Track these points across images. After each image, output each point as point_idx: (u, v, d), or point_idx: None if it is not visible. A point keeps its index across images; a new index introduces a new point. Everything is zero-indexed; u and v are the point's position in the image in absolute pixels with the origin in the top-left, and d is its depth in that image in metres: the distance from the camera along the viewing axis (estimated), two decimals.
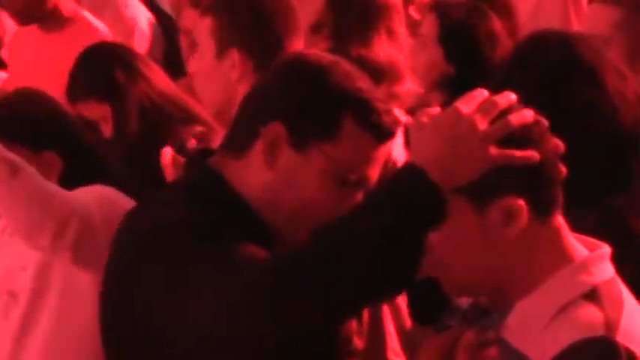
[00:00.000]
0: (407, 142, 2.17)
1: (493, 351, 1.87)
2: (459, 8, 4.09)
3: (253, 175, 2.09)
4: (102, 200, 2.89)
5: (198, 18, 3.43)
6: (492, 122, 1.72)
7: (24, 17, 4.85)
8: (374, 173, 2.03)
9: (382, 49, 3.95)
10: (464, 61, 3.71)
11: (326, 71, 2.10)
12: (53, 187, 2.92)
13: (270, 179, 2.05)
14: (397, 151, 3.47)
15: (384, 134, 2.01)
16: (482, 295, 2.00)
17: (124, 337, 2.12)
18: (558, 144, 1.85)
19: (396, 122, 2.12)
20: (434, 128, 1.77)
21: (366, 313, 2.36)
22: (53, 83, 3.92)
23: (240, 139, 2.12)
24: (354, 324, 2.20)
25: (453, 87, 3.64)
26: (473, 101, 1.78)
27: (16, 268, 3.19)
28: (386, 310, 3.09)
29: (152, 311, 1.98)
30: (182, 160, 3.05)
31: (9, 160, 2.83)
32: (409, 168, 1.74)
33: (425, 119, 1.84)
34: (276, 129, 1.99)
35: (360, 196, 2.01)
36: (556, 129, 1.93)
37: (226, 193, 2.09)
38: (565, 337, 1.83)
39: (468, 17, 3.95)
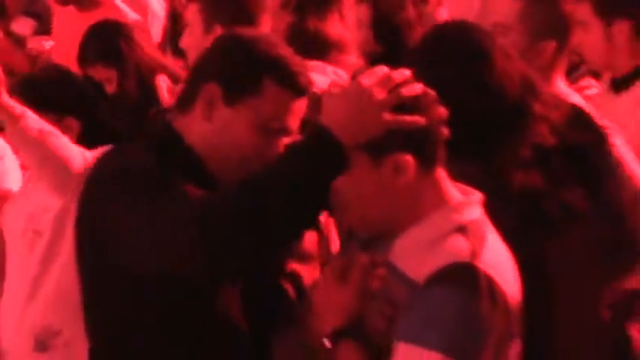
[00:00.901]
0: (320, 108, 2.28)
1: (381, 271, 2.13)
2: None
3: (196, 126, 2.34)
4: None
5: (188, 2, 4.04)
6: (388, 93, 2.04)
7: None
8: (294, 123, 2.30)
9: (334, 27, 4.46)
10: (388, 42, 4.17)
11: (252, 42, 2.42)
12: (76, 150, 3.40)
13: (209, 130, 2.31)
14: None
15: (299, 91, 2.28)
16: (378, 231, 2.25)
17: (90, 254, 2.45)
18: (442, 111, 2.13)
19: (309, 82, 2.40)
20: (341, 97, 2.11)
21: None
22: None
23: (186, 97, 2.40)
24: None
25: (381, 62, 4.02)
26: (374, 76, 2.09)
27: (41, 210, 3.57)
28: None
29: (111, 237, 2.30)
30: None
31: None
32: (319, 128, 2.06)
33: (335, 89, 2.15)
34: (212, 88, 2.27)
35: (282, 143, 2.29)
36: (450, 98, 2.21)
37: (176, 143, 2.37)
38: (437, 261, 2.07)
39: (391, 7, 4.47)
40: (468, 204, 2.23)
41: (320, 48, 4.34)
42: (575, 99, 3.40)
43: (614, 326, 3.18)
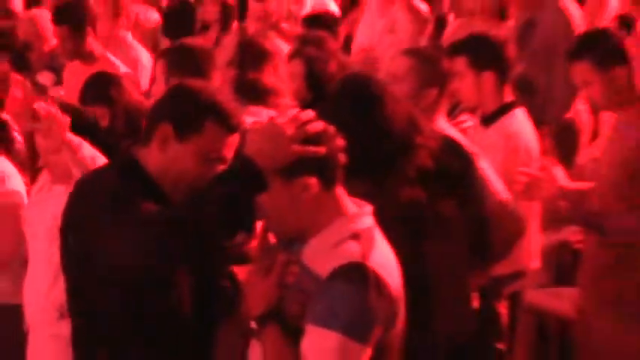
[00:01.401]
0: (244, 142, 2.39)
1: (295, 268, 2.23)
2: (317, 57, 4.64)
3: (153, 157, 2.41)
4: None
5: (156, 59, 4.65)
6: (296, 129, 2.15)
7: (71, 55, 5.82)
8: (229, 153, 2.36)
9: (269, 77, 4.61)
10: (316, 90, 4.26)
11: (197, 90, 2.44)
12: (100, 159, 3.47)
13: (163, 159, 2.38)
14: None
15: (232, 129, 2.36)
16: (291, 236, 2.34)
17: (71, 260, 2.50)
18: (340, 142, 2.23)
19: (240, 121, 2.46)
20: (260, 132, 2.29)
21: None
22: None
23: (146, 133, 2.45)
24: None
25: (311, 107, 4.19)
26: (286, 116, 2.27)
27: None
28: None
29: (91, 247, 2.37)
30: None
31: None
32: (243, 157, 2.22)
33: (255, 127, 2.31)
34: (165, 127, 2.34)
35: (219, 168, 2.35)
36: (350, 133, 2.33)
37: (136, 169, 2.44)
38: (337, 261, 2.17)
39: (319, 63, 4.49)
40: (361, 215, 2.33)
41: (259, 94, 4.46)
42: (452, 132, 3.55)
43: (484, 306, 3.42)
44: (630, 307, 3.50)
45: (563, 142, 4.46)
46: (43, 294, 3.66)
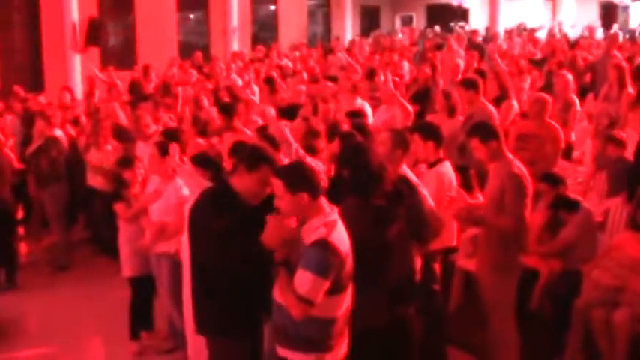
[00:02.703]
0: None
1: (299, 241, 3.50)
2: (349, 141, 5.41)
3: (237, 180, 3.81)
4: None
5: None
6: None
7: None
8: (275, 182, 3.51)
9: None
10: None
11: (257, 146, 4.02)
12: None
13: (243, 182, 3.79)
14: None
15: (275, 170, 3.61)
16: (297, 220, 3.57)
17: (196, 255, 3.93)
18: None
19: (280, 165, 3.78)
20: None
21: None
22: None
23: (233, 168, 3.88)
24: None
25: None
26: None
27: None
28: None
29: (202, 246, 3.81)
30: None
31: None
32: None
33: None
34: (241, 165, 3.80)
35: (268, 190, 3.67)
36: (351, 169, 4.02)
37: (229, 190, 3.83)
38: (313, 237, 3.41)
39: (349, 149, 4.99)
40: (330, 214, 3.52)
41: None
42: (408, 173, 4.86)
43: (425, 268, 4.75)
44: (494, 263, 4.98)
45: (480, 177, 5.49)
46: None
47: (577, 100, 8.99)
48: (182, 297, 5.32)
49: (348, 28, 25.52)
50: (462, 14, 25.27)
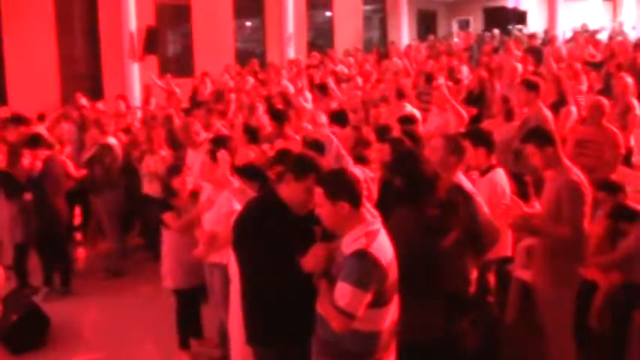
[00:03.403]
0: None
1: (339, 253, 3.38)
2: (400, 147, 5.38)
3: (284, 189, 3.75)
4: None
5: None
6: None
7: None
8: (316, 189, 3.44)
9: None
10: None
11: (304, 154, 3.94)
12: None
13: (290, 190, 3.72)
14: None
15: (319, 179, 3.49)
16: (338, 232, 3.43)
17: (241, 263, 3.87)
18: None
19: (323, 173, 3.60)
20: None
21: None
22: None
23: (279, 176, 3.96)
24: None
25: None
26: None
27: None
28: None
29: (248, 256, 3.76)
30: None
31: None
32: None
33: None
34: (289, 173, 3.72)
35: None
36: (406, 178, 3.87)
37: (276, 198, 3.79)
38: (353, 247, 3.31)
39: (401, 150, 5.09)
40: (372, 223, 3.41)
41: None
42: (463, 180, 4.68)
43: (480, 279, 4.56)
44: (551, 275, 4.79)
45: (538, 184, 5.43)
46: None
47: (637, 104, 8.63)
48: None
49: (404, 33, 25.32)
50: (520, 17, 24.77)
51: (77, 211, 9.98)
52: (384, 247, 3.35)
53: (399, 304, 3.51)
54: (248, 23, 22.16)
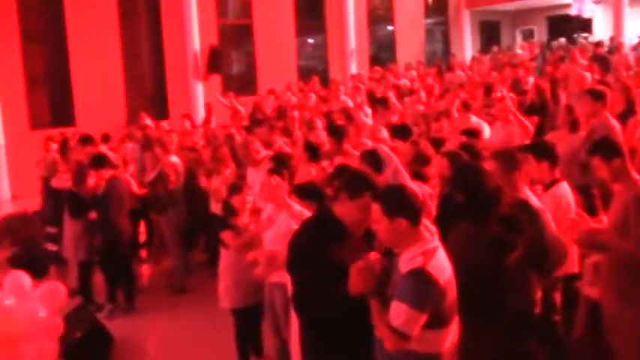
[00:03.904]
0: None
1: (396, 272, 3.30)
2: (458, 161, 5.26)
3: (339, 208, 3.73)
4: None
5: None
6: None
7: None
8: (373, 205, 3.38)
9: None
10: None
11: (358, 172, 3.96)
12: None
13: (345, 209, 3.71)
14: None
15: (375, 195, 3.45)
16: (395, 248, 3.36)
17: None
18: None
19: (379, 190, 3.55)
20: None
21: None
22: None
23: (335, 195, 3.85)
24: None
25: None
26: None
27: None
28: None
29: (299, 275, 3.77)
30: None
31: None
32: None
33: None
34: (343, 193, 3.71)
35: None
36: (468, 192, 3.76)
37: (331, 217, 3.77)
38: (410, 266, 3.23)
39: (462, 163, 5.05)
40: (430, 241, 3.33)
41: None
42: (528, 195, 4.56)
43: (545, 294, 4.40)
44: (619, 293, 4.56)
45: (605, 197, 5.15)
46: None
47: None
48: None
49: (467, 45, 25.01)
50: (585, 25, 24.19)
51: (142, 228, 10.08)
52: (441, 266, 3.25)
53: (459, 325, 3.40)
54: (310, 40, 22.22)
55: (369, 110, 11.18)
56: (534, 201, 4.52)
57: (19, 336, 4.79)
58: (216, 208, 8.23)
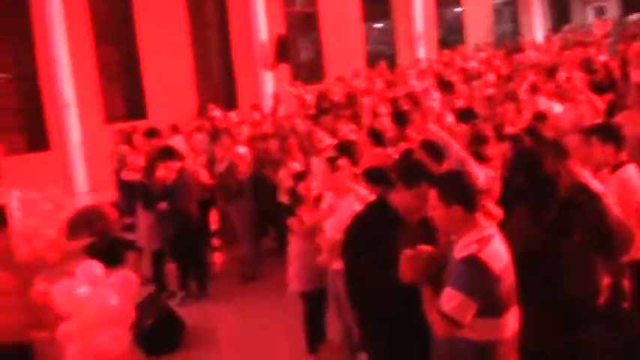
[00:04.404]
0: None
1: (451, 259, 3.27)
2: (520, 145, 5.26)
3: (395, 196, 3.82)
4: None
5: None
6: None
7: None
8: (432, 193, 3.35)
9: None
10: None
11: (414, 161, 3.97)
12: None
13: (401, 198, 3.79)
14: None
15: (432, 184, 3.42)
16: (452, 235, 3.37)
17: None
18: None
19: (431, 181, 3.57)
20: None
21: None
22: None
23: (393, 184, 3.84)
24: None
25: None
26: None
27: None
28: None
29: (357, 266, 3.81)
30: None
31: None
32: None
33: None
34: (399, 183, 3.78)
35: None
36: (527, 177, 3.72)
37: (387, 206, 3.86)
38: (465, 252, 3.19)
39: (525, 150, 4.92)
40: (486, 228, 3.28)
41: None
42: (589, 180, 4.40)
43: (613, 280, 4.21)
44: None
45: None
46: None
47: None
48: None
49: (536, 24, 24.43)
50: None
51: (213, 217, 10.24)
52: (497, 253, 3.20)
53: (518, 313, 3.33)
54: (377, 25, 22.07)
55: (437, 94, 11.02)
56: (595, 185, 4.40)
57: (92, 323, 4.95)
58: (283, 197, 8.34)
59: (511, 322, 3.28)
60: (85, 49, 15.62)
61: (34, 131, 15.45)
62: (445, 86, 10.25)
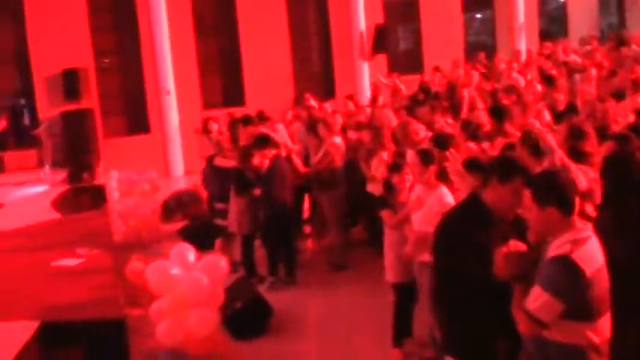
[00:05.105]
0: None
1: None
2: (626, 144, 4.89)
3: (488, 193, 3.69)
4: None
5: None
6: None
7: None
8: (525, 191, 3.26)
9: None
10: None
11: (509, 156, 3.90)
12: None
13: (494, 194, 3.66)
14: None
15: (526, 182, 3.34)
16: (545, 238, 3.23)
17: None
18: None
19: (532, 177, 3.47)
20: None
21: None
22: None
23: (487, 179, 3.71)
24: None
25: None
26: None
27: None
28: None
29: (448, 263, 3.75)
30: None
31: None
32: None
33: None
34: (494, 179, 3.65)
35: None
36: (615, 182, 3.64)
37: (479, 201, 3.75)
38: (557, 252, 3.09)
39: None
40: (582, 230, 3.18)
41: None
42: None
43: None
44: None
45: None
46: None
47: None
48: None
49: None
50: None
51: (306, 205, 10.31)
52: (591, 256, 3.08)
53: (611, 320, 3.21)
54: (477, 16, 21.65)
55: (539, 88, 10.70)
56: None
57: (183, 303, 5.06)
58: (371, 187, 8.28)
59: (602, 329, 3.15)
60: (186, 39, 16.22)
61: (135, 115, 16.22)
62: (547, 80, 9.93)
